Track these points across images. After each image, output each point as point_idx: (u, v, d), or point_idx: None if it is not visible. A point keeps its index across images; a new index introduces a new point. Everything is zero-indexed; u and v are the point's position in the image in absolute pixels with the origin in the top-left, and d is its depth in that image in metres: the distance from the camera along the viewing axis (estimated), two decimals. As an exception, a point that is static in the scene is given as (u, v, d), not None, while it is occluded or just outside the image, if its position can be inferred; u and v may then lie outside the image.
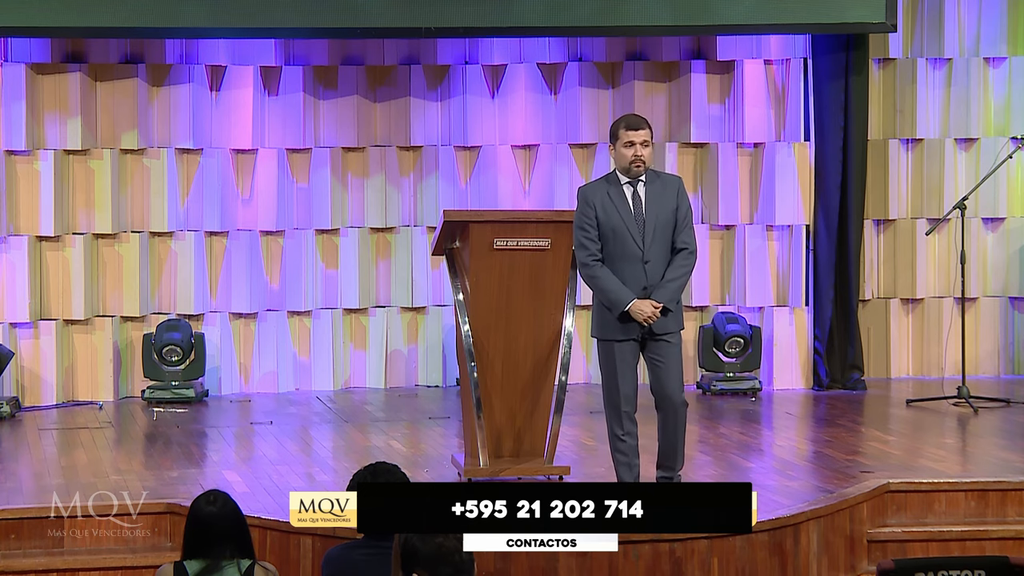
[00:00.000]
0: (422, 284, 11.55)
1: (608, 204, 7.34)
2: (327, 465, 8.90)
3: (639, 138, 7.36)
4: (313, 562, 7.12)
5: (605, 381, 7.43)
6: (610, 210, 7.33)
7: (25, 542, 7.46)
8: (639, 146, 7.36)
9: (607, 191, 7.38)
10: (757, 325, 11.37)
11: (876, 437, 9.50)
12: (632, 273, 7.31)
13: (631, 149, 7.35)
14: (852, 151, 11.31)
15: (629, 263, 7.32)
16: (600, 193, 7.39)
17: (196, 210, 11.26)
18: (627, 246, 7.32)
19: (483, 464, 8.00)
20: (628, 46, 11.55)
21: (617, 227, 7.32)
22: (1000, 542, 7.65)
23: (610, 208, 7.33)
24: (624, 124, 7.42)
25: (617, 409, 7.39)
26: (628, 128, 7.38)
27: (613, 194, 7.37)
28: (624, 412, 7.38)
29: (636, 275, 7.31)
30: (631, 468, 7.43)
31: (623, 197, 7.37)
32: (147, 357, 10.91)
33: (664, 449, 7.42)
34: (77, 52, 11.04)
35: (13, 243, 10.85)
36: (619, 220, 7.32)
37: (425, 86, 11.48)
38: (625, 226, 7.32)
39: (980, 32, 11.66)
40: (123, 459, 9.00)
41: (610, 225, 7.33)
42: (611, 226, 7.33)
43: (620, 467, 7.44)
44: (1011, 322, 11.77)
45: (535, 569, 6.97)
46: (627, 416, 7.40)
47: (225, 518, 5.33)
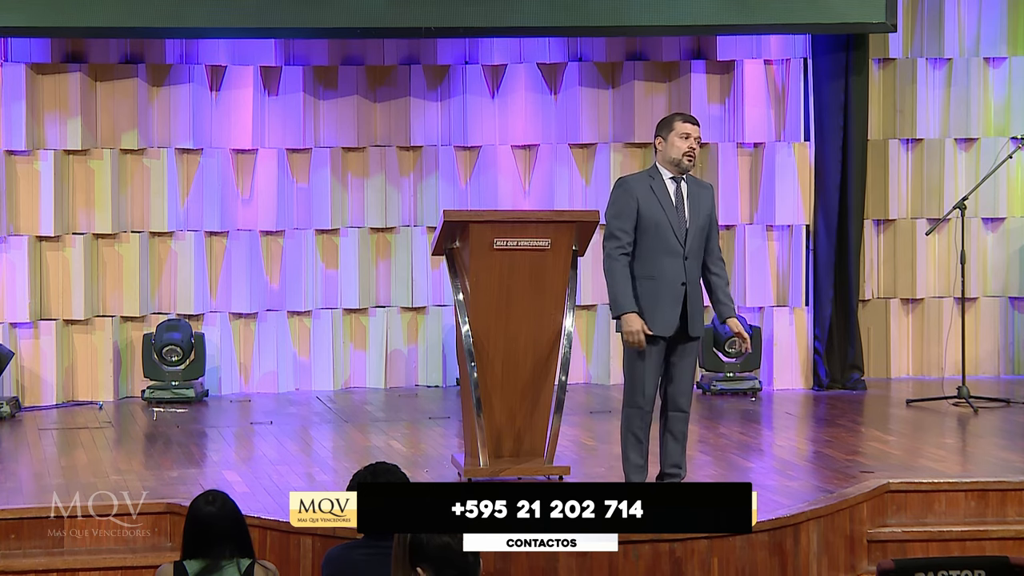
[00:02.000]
0: (422, 284, 11.55)
1: (651, 197, 7.30)
2: (327, 465, 8.89)
3: (696, 132, 7.38)
4: (313, 562, 7.12)
5: (631, 379, 7.38)
6: (653, 204, 7.29)
7: (25, 542, 7.45)
8: (694, 140, 7.36)
9: (650, 184, 7.35)
10: (757, 325, 11.38)
11: (876, 437, 9.50)
12: (673, 267, 7.29)
13: (687, 141, 7.33)
14: (852, 151, 11.31)
15: (670, 257, 7.29)
16: (643, 185, 7.35)
17: (196, 210, 11.26)
18: (669, 241, 7.29)
19: (483, 464, 8.00)
20: (628, 46, 11.56)
21: (660, 221, 7.29)
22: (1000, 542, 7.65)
23: (653, 201, 7.29)
24: (681, 117, 7.42)
25: (640, 410, 7.38)
26: (685, 121, 7.39)
27: (656, 188, 7.34)
28: (646, 412, 7.37)
29: (676, 270, 7.29)
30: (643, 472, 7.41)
31: (666, 192, 7.34)
32: (147, 357, 10.91)
33: (673, 452, 7.42)
34: (77, 52, 11.04)
35: (13, 243, 10.85)
36: (662, 214, 7.29)
37: (425, 86, 11.48)
38: (668, 221, 7.29)
39: (980, 32, 11.67)
40: (123, 459, 9.00)
41: (653, 219, 7.29)
42: (654, 220, 7.28)
43: (634, 471, 7.38)
44: (1011, 322, 11.77)
45: (535, 569, 6.97)
46: (648, 417, 7.38)
47: (224, 518, 5.33)
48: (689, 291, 7.32)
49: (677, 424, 7.40)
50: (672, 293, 7.29)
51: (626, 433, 7.44)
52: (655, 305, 7.28)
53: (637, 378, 7.34)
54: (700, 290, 7.42)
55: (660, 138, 7.41)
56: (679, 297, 7.30)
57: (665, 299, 7.28)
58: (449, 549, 4.18)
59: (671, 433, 7.39)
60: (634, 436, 7.40)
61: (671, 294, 7.29)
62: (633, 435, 7.40)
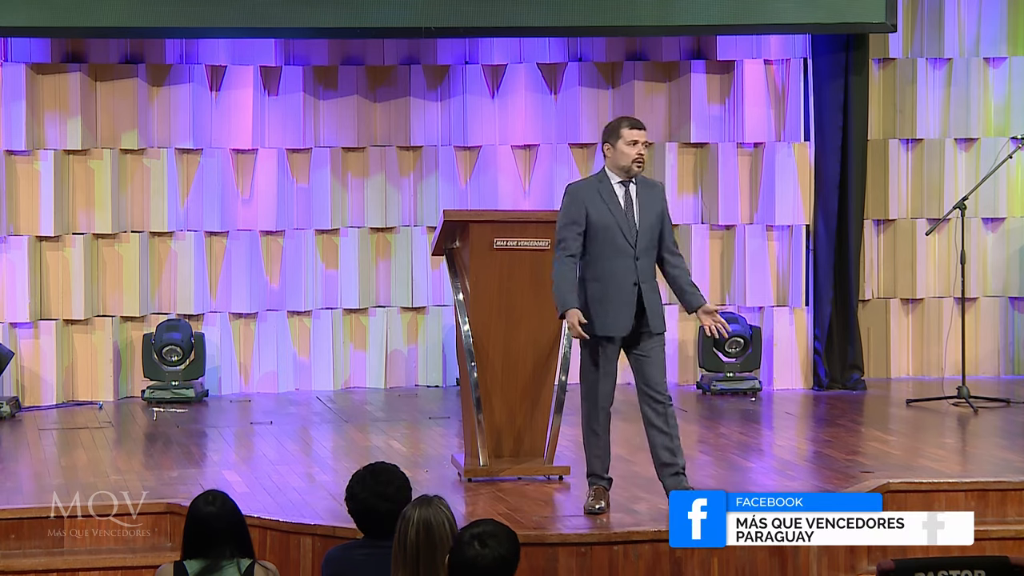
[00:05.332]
0: (422, 284, 11.55)
1: (599, 203, 7.35)
2: (327, 465, 8.89)
3: (642, 137, 7.42)
4: (313, 562, 7.12)
5: (587, 377, 7.42)
6: (601, 209, 7.34)
7: (25, 542, 7.46)
8: (641, 145, 7.39)
9: (598, 189, 7.39)
10: (757, 325, 11.37)
11: (876, 437, 9.50)
12: (624, 268, 7.32)
13: (635, 148, 7.37)
14: (852, 151, 11.31)
15: (621, 259, 7.33)
16: (591, 192, 7.40)
17: (196, 210, 11.26)
18: (618, 243, 7.32)
19: (483, 464, 8.01)
20: (628, 46, 11.56)
21: (609, 225, 7.33)
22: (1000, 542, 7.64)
23: (601, 207, 7.34)
24: (627, 123, 7.45)
25: (596, 405, 7.41)
26: (632, 127, 7.42)
27: (604, 192, 7.38)
28: (601, 408, 7.41)
29: (628, 271, 7.33)
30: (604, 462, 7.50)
31: (615, 196, 7.37)
32: (147, 357, 10.91)
33: (666, 444, 7.38)
34: (77, 52, 11.04)
35: (13, 243, 10.85)
36: (611, 218, 7.33)
37: (425, 86, 11.48)
38: (617, 224, 7.33)
39: (980, 32, 11.66)
40: (123, 459, 9.00)
41: (602, 223, 7.33)
42: (603, 224, 7.33)
43: (595, 460, 7.50)
44: (1011, 322, 11.77)
45: (535, 569, 6.97)
46: (605, 412, 7.43)
47: (224, 518, 5.32)
48: (644, 289, 7.35)
49: (657, 415, 7.39)
50: (624, 294, 7.33)
51: (585, 429, 7.50)
52: (607, 307, 7.33)
53: (590, 377, 7.40)
54: (657, 287, 7.44)
55: (608, 144, 7.44)
56: (632, 297, 7.34)
57: (616, 300, 7.33)
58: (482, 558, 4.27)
59: (654, 426, 7.40)
60: (592, 431, 7.46)
61: (623, 295, 7.33)
62: (591, 430, 7.47)
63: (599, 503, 7.43)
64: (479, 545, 4.40)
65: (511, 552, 4.42)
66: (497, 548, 4.40)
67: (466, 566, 4.39)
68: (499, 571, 4.39)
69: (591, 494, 7.47)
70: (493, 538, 4.41)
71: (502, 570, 4.39)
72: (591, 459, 7.51)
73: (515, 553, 4.43)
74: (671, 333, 11.30)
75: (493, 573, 4.39)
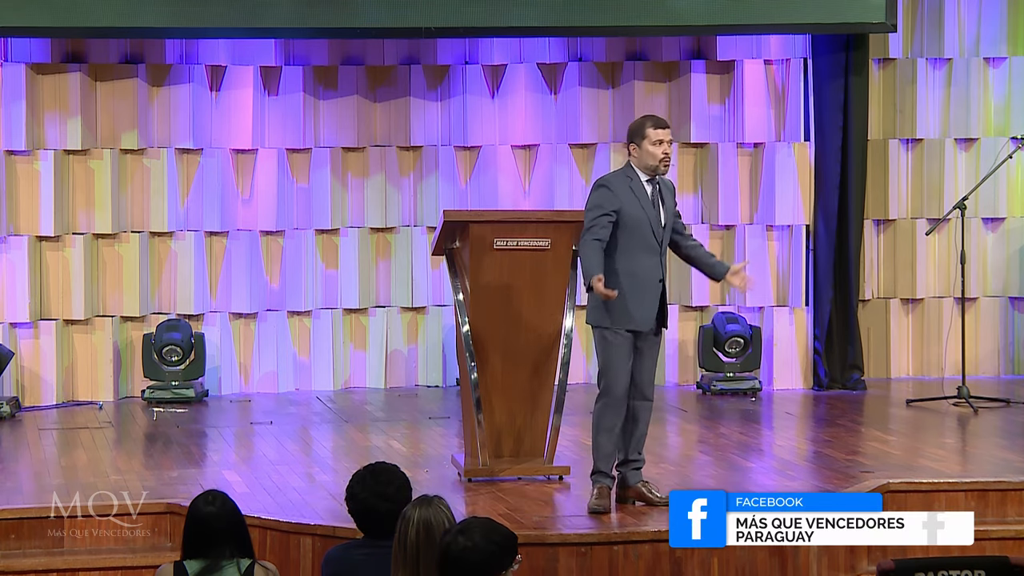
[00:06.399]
0: (422, 284, 11.55)
1: (631, 198, 7.39)
2: (327, 465, 8.89)
3: (668, 136, 7.49)
4: (313, 562, 7.12)
5: (612, 371, 7.40)
6: (634, 204, 7.38)
7: (25, 542, 7.46)
8: (667, 144, 7.44)
9: (629, 185, 7.42)
10: (757, 325, 11.37)
11: (876, 437, 9.50)
12: (651, 264, 7.39)
13: (661, 147, 7.43)
14: (852, 151, 11.31)
15: (649, 255, 7.39)
16: (623, 186, 7.42)
17: (196, 210, 11.26)
18: (647, 239, 7.39)
19: (483, 464, 8.01)
20: (628, 46, 11.56)
21: (640, 220, 7.38)
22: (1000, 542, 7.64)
23: (634, 201, 7.38)
24: (652, 123, 7.48)
25: (618, 400, 7.41)
26: (657, 127, 7.46)
27: (636, 188, 7.42)
28: (622, 402, 7.42)
29: (654, 267, 7.40)
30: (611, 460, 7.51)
31: (644, 192, 7.42)
32: (147, 357, 10.91)
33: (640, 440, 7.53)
34: (77, 52, 11.04)
35: (13, 243, 10.85)
36: (643, 214, 7.39)
37: (425, 86, 11.48)
38: (648, 220, 7.39)
39: (980, 32, 11.66)
40: (123, 459, 9.00)
41: (635, 218, 7.37)
42: (636, 219, 7.37)
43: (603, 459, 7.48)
44: (1011, 322, 11.77)
45: (535, 569, 6.97)
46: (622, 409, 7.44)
47: (224, 518, 5.32)
48: (664, 287, 7.46)
49: (643, 413, 7.51)
50: (652, 289, 7.41)
51: (599, 425, 7.48)
52: (638, 301, 7.36)
53: (617, 370, 7.39)
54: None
55: (634, 144, 7.47)
56: (657, 292, 7.42)
57: (646, 295, 7.39)
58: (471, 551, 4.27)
59: (637, 421, 7.46)
60: (608, 428, 7.46)
61: (651, 290, 7.40)
62: (607, 427, 7.46)
63: (604, 502, 7.43)
64: (458, 535, 4.42)
65: (487, 541, 4.41)
66: (472, 537, 4.41)
67: (442, 556, 4.40)
68: (474, 559, 4.39)
69: (595, 493, 7.47)
70: (470, 529, 4.43)
71: (476, 557, 4.39)
72: (600, 457, 7.50)
73: (494, 542, 4.42)
74: (671, 333, 11.36)
75: (468, 562, 4.39)
